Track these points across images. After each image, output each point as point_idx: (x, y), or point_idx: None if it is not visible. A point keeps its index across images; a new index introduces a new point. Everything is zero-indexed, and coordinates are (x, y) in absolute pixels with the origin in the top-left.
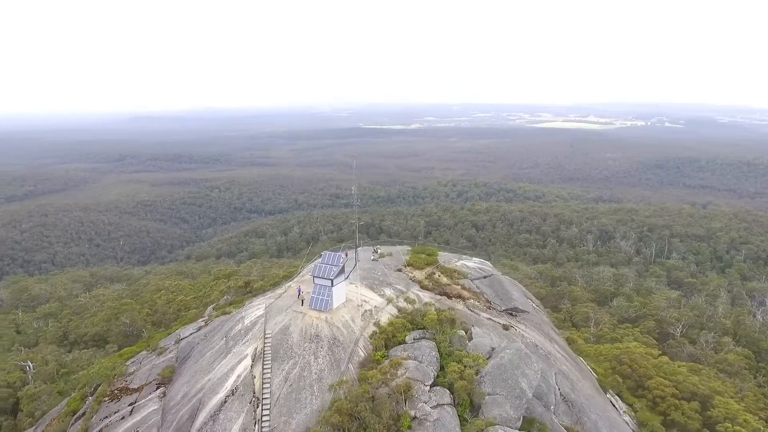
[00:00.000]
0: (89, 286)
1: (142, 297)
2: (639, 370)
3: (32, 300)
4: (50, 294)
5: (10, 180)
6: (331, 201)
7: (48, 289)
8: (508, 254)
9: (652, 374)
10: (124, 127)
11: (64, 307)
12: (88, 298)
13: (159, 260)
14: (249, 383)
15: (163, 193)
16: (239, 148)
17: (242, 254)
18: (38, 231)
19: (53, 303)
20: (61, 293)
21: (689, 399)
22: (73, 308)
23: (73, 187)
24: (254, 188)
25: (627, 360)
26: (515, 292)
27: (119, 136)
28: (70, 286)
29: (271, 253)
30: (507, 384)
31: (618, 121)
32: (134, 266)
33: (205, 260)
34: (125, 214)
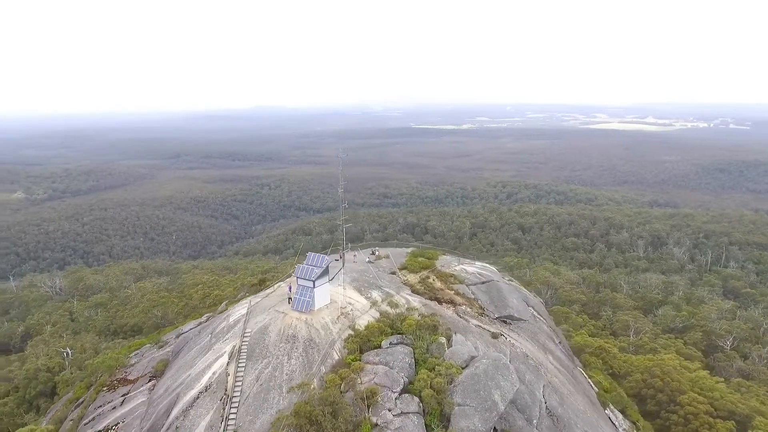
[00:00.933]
0: (139, 278)
1: (181, 290)
2: (672, 384)
3: (87, 290)
4: (103, 284)
5: (77, 175)
6: (379, 200)
7: (102, 279)
8: (554, 258)
9: (686, 389)
10: (182, 125)
11: (113, 298)
12: (134, 289)
13: (209, 255)
14: (222, 381)
15: (215, 189)
16: (290, 147)
17: (288, 251)
18: (98, 224)
19: (104, 293)
20: (113, 284)
21: (726, 418)
22: (121, 299)
23: (132, 182)
24: (303, 186)
25: (659, 372)
26: (514, 299)
27: (176, 134)
28: (121, 277)
29: (316, 250)
30: (478, 395)
31: (678, 122)
32: (185, 260)
33: (252, 256)
34: (179, 209)
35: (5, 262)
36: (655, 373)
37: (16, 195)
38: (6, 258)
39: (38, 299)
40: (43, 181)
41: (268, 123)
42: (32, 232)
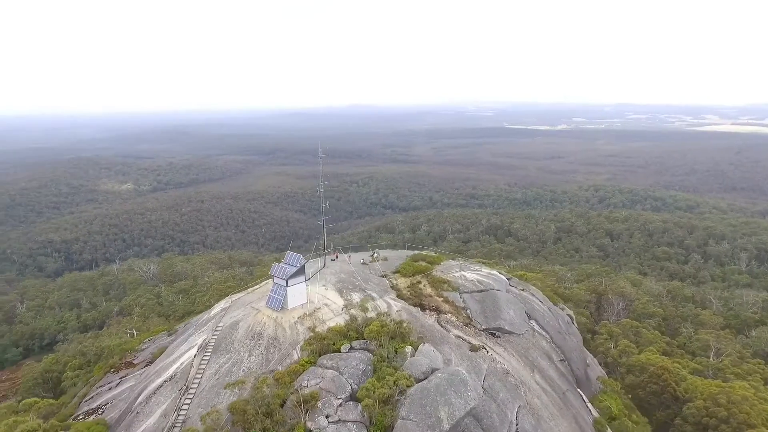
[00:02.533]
0: (223, 268)
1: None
2: (739, 415)
3: (174, 276)
4: (189, 272)
5: (180, 168)
6: (466, 201)
7: (189, 267)
8: (642, 267)
9: (756, 423)
10: (279, 122)
11: (194, 285)
12: (210, 279)
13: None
14: (186, 372)
15: (305, 185)
16: (381, 145)
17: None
18: (195, 215)
19: (188, 281)
20: (197, 272)
21: None
22: (200, 286)
23: (228, 177)
24: (391, 185)
25: (724, 401)
26: (510, 311)
27: (273, 131)
28: (207, 266)
29: (397, 249)
30: (424, 410)
31: None
32: (271, 252)
33: None
34: (269, 203)
35: (113, 246)
36: (719, 401)
37: (126, 186)
38: (114, 243)
39: (134, 282)
40: (150, 174)
41: (362, 121)
42: (137, 220)
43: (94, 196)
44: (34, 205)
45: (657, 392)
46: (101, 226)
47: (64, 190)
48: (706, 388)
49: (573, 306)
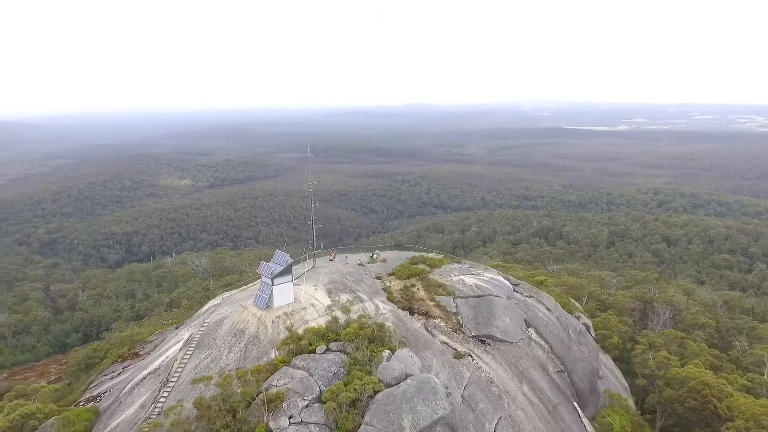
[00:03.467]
0: None
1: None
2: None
3: (223, 270)
4: (237, 267)
5: (236, 165)
6: (519, 202)
7: (237, 262)
8: (700, 275)
9: None
10: (335, 120)
11: (240, 279)
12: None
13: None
14: (169, 365)
15: (357, 184)
16: (435, 144)
17: (419, 247)
18: (248, 211)
19: (235, 275)
20: (245, 267)
21: None
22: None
23: (282, 174)
24: (443, 184)
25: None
26: (506, 318)
27: (328, 130)
28: (255, 261)
29: (446, 249)
30: (387, 417)
31: None
32: (321, 249)
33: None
34: (321, 201)
35: (170, 240)
36: (762, 422)
37: (184, 182)
38: (171, 237)
39: (185, 275)
40: (207, 170)
41: (418, 120)
42: (193, 215)
43: (155, 191)
44: (99, 198)
45: (696, 408)
46: (159, 220)
47: (127, 184)
48: (750, 407)
49: (615, 313)
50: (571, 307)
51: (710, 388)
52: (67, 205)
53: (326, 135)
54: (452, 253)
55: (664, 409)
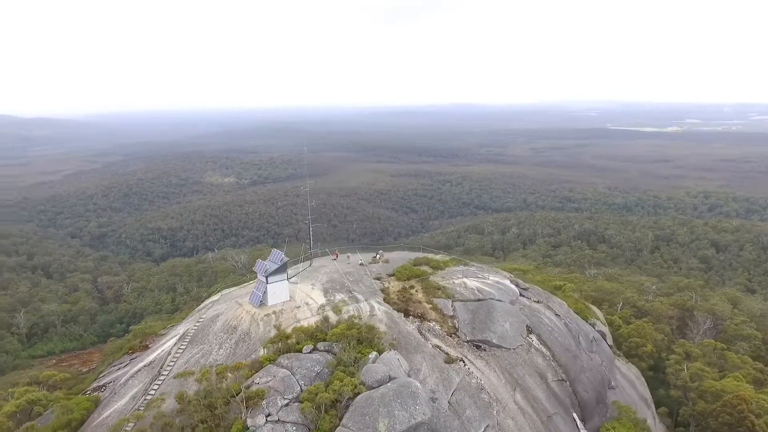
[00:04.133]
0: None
1: None
2: None
3: None
4: None
5: (279, 163)
6: (561, 204)
7: None
8: (751, 284)
9: None
10: (378, 120)
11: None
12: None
13: (384, 245)
14: (163, 359)
15: (398, 183)
16: (478, 145)
17: (458, 248)
18: (289, 209)
19: None
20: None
21: None
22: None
23: (324, 172)
24: (485, 185)
25: None
26: (506, 323)
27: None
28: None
29: (484, 250)
30: (363, 420)
31: None
32: (360, 248)
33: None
34: (362, 200)
35: (213, 236)
36: None
37: (228, 179)
38: (214, 233)
39: (224, 271)
40: (252, 168)
41: (462, 120)
42: (236, 212)
43: (200, 187)
44: (147, 194)
45: (730, 424)
46: (203, 216)
47: (174, 181)
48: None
49: (652, 321)
50: (588, 313)
51: (747, 403)
52: (117, 200)
53: (370, 134)
54: (491, 255)
55: (698, 423)
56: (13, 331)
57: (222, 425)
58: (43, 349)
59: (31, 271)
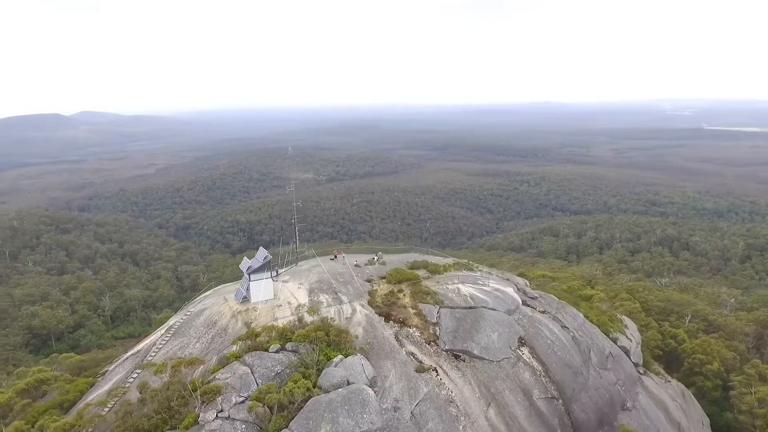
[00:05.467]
0: None
1: None
2: None
3: None
4: None
5: (356, 161)
6: (645, 208)
7: None
8: None
9: None
10: (457, 119)
11: None
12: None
13: (457, 245)
14: (148, 349)
15: (474, 182)
16: (559, 144)
17: (531, 250)
18: (364, 206)
19: None
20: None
21: None
22: None
23: (401, 170)
24: (564, 186)
25: None
26: (494, 333)
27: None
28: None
29: (558, 254)
30: (306, 425)
31: None
32: (433, 247)
33: (493, 251)
34: (437, 199)
35: (289, 231)
36: None
37: (306, 175)
38: (290, 228)
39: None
40: (329, 165)
41: (542, 119)
42: (312, 208)
43: (279, 183)
44: (229, 188)
45: None
46: (280, 211)
47: (255, 176)
48: None
49: (723, 337)
50: (613, 326)
51: None
52: (201, 194)
53: (448, 132)
54: (565, 259)
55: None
56: (99, 313)
57: (177, 417)
58: (124, 331)
59: (121, 257)
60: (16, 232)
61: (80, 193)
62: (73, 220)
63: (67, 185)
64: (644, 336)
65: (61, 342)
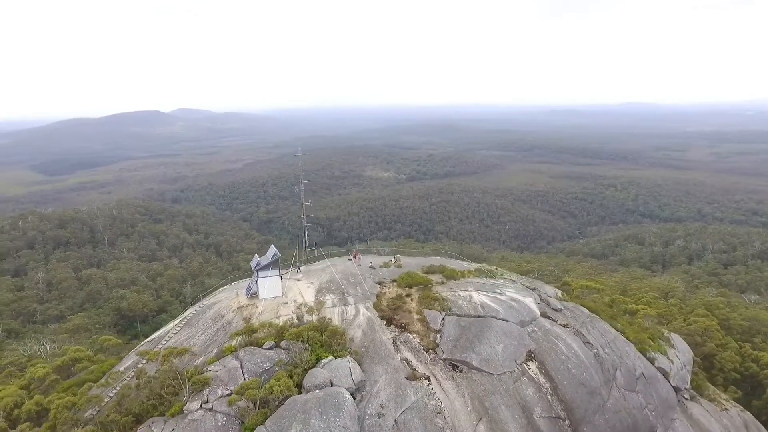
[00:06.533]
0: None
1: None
2: None
3: None
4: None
5: (438, 160)
6: (745, 217)
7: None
8: None
9: None
10: (545, 119)
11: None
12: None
13: (535, 249)
14: (162, 336)
15: (558, 185)
16: (652, 147)
17: (613, 258)
18: (443, 206)
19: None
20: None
21: None
22: None
23: (482, 171)
24: (654, 191)
25: None
26: (500, 345)
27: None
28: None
29: (642, 262)
30: (279, 423)
31: None
32: (512, 250)
33: (573, 256)
34: (518, 201)
35: (367, 228)
36: None
37: (387, 174)
38: (368, 225)
39: None
40: (411, 164)
41: (634, 121)
42: (391, 206)
43: (360, 180)
44: (311, 185)
45: None
46: (359, 209)
47: (336, 173)
48: None
49: None
50: (655, 346)
51: None
52: (284, 189)
53: (533, 133)
54: (648, 268)
55: None
56: (180, 299)
57: (165, 405)
58: None
59: (206, 248)
60: (115, 221)
61: (174, 186)
62: (165, 211)
63: (163, 178)
64: (720, 357)
65: (146, 324)
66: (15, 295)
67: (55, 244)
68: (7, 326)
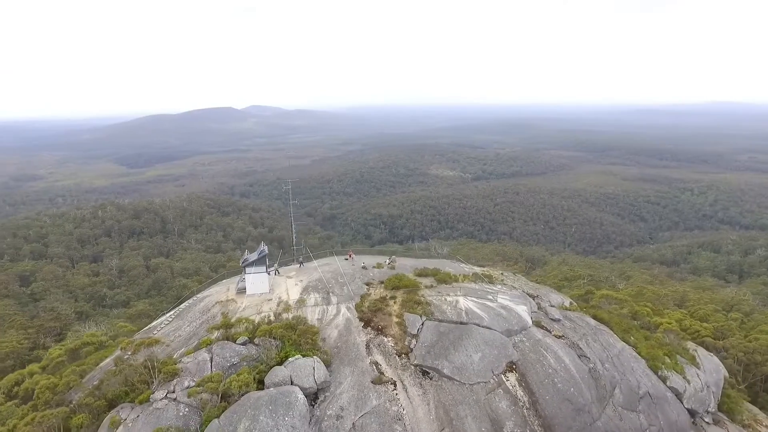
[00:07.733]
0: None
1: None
2: None
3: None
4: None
5: (505, 159)
6: None
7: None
8: None
9: None
10: (619, 118)
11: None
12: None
13: (602, 253)
14: (156, 327)
15: (629, 187)
16: (737, 150)
17: (685, 265)
18: (507, 206)
19: None
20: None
21: None
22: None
23: (551, 171)
24: (736, 196)
25: None
26: (477, 354)
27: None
28: (490, 257)
29: (716, 272)
30: (231, 418)
31: None
32: (577, 254)
33: (641, 262)
34: (585, 203)
35: (429, 226)
36: None
37: (452, 172)
38: (430, 223)
39: None
40: (477, 163)
41: (720, 121)
42: (454, 205)
43: (424, 179)
44: (376, 182)
45: None
46: (422, 207)
47: (401, 171)
48: None
49: None
50: (671, 363)
51: None
52: (349, 186)
53: (608, 133)
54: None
55: None
56: None
57: (136, 392)
58: None
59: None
60: (185, 212)
61: (243, 180)
62: (232, 204)
63: (233, 172)
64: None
65: None
66: (90, 280)
67: (130, 233)
68: (80, 308)
